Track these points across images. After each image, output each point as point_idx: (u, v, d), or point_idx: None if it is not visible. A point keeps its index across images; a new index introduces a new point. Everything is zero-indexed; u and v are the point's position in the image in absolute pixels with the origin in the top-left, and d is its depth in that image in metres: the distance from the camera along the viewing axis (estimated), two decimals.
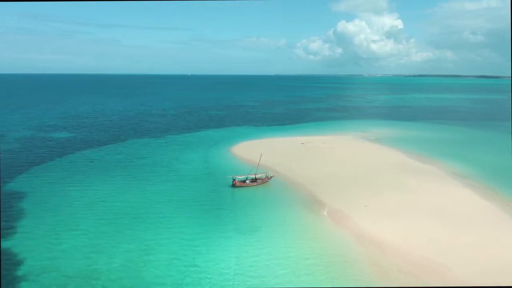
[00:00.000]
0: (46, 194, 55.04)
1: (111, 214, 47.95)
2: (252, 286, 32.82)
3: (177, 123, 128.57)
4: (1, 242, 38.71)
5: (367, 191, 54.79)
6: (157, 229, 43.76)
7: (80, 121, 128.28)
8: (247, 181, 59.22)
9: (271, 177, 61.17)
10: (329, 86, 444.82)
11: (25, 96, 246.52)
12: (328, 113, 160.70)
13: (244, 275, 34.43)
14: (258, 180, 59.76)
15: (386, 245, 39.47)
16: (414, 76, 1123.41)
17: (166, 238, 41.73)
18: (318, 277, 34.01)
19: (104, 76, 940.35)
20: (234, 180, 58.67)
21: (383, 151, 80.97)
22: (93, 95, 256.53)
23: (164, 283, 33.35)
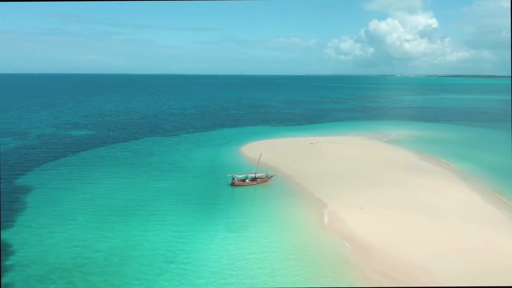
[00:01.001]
0: (51, 188, 56.96)
1: (108, 209, 49.00)
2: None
3: (194, 122, 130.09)
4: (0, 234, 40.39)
5: (365, 192, 53.67)
6: (148, 225, 44.46)
7: (101, 119, 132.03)
8: (247, 180, 59.19)
9: (272, 176, 60.87)
10: (357, 87, 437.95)
11: (57, 95, 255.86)
12: (348, 113, 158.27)
13: (221, 273, 34.45)
14: (258, 179, 59.60)
15: (374, 248, 38.49)
16: (448, 76, 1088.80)
17: (155, 233, 42.34)
18: (293, 277, 33.58)
19: (137, 76, 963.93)
20: (233, 179, 58.78)
21: (393, 151, 79.11)
22: (120, 94, 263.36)
23: (140, 278, 33.82)
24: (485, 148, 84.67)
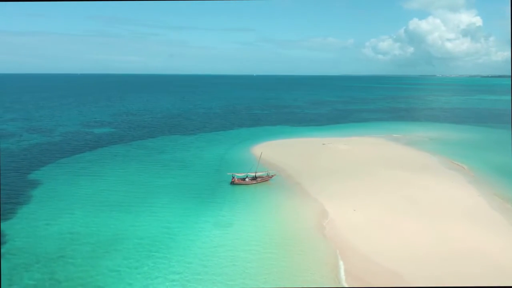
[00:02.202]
0: (59, 182, 59.42)
1: (106, 204, 50.50)
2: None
3: (215, 121, 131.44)
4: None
5: (363, 193, 52.45)
6: (140, 219, 45.61)
7: (125, 118, 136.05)
8: (247, 179, 59.24)
9: (272, 176, 60.61)
10: (391, 87, 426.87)
11: (92, 94, 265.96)
12: (374, 114, 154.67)
13: (194, 268, 34.84)
14: (258, 179, 59.52)
15: (357, 251, 37.59)
16: (493, 77, 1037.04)
17: (145, 228, 43.39)
18: (263, 276, 33.40)
19: (172, 76, 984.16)
20: (233, 177, 59.01)
21: (406, 153, 76.74)
22: (151, 94, 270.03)
23: (118, 270, 34.66)
24: (509, 153, 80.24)
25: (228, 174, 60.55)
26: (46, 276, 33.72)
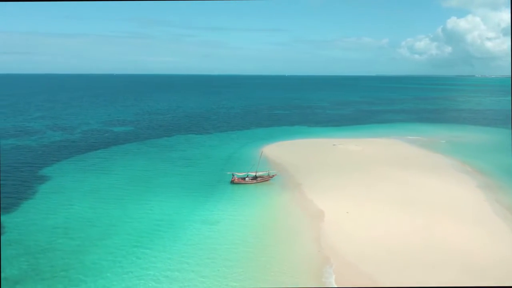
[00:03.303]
0: (66, 178, 61.63)
1: (105, 199, 51.90)
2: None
3: (233, 120, 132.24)
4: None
5: (361, 195, 51.32)
6: (134, 215, 46.63)
7: (147, 117, 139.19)
8: (247, 179, 59.28)
9: (273, 175, 60.36)
10: (425, 88, 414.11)
11: (122, 93, 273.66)
12: (398, 115, 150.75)
13: (170, 265, 35.35)
14: (258, 178, 59.44)
15: (341, 256, 36.86)
16: None
17: (136, 223, 44.33)
18: (238, 276, 33.39)
19: (206, 76, 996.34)
20: (233, 176, 59.21)
21: (418, 154, 74.55)
22: (180, 94, 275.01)
23: (100, 264, 35.56)
24: None
25: (228, 173, 60.79)
26: (31, 267, 35.03)
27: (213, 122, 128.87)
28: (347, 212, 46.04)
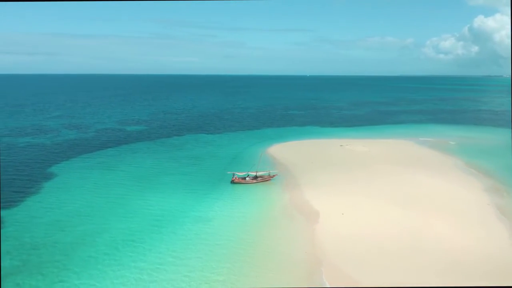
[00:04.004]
0: (73, 175, 63.14)
1: (106, 196, 53.02)
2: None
3: (246, 120, 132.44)
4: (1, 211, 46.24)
5: (359, 197, 50.60)
6: (129, 213, 47.30)
7: (162, 116, 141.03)
8: (247, 178, 59.35)
9: (274, 175, 60.23)
10: (448, 88, 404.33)
11: (141, 93, 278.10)
12: (414, 116, 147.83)
13: (163, 258, 35.89)
14: (258, 178, 59.43)
15: (327, 259, 36.54)
16: None
17: (130, 221, 44.98)
18: (218, 276, 33.48)
19: (227, 76, 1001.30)
20: (234, 176, 59.38)
21: (427, 156, 72.80)
22: (197, 94, 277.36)
23: (88, 260, 36.23)
24: None
25: (229, 172, 61.00)
26: (23, 261, 36.05)
27: (226, 121, 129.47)
28: (343, 214, 45.51)
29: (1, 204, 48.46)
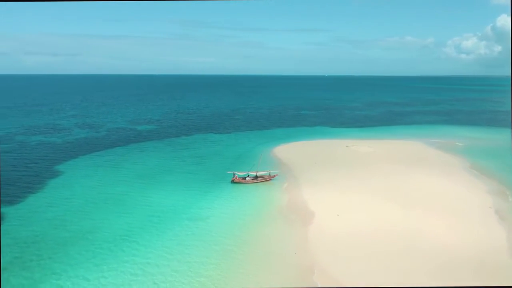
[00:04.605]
0: (78, 173, 64.32)
1: (107, 194, 53.84)
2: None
3: (256, 120, 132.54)
4: (3, 206, 47.54)
5: (357, 199, 50.07)
6: (126, 211, 47.93)
7: (174, 116, 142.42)
8: (247, 178, 59.43)
9: (274, 176, 60.14)
10: (468, 89, 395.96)
11: (156, 93, 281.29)
12: (428, 116, 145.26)
13: (156, 256, 36.46)
14: (258, 178, 59.45)
15: (316, 261, 36.35)
16: None
17: (125, 218, 45.60)
18: (204, 272, 33.69)
19: (245, 77, 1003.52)
20: (234, 175, 59.54)
21: (434, 158, 71.41)
22: (212, 94, 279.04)
23: (78, 258, 36.78)
24: None
25: (229, 172, 61.21)
26: (18, 255, 36.88)
27: (236, 121, 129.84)
28: (338, 215, 45.15)
29: (6, 200, 49.95)
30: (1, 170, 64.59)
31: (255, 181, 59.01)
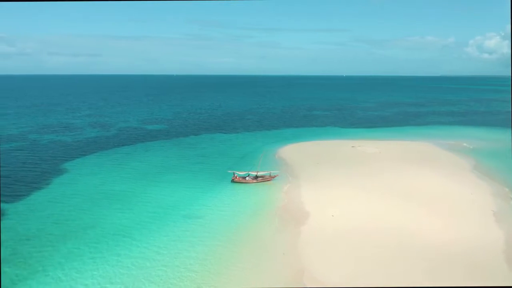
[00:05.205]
0: (82, 171, 65.52)
1: (107, 192, 54.56)
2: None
3: (267, 120, 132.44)
4: (6, 202, 48.81)
5: (355, 197, 49.58)
6: (124, 209, 48.54)
7: (185, 116, 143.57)
8: (248, 178, 59.44)
9: (275, 176, 59.97)
10: (488, 89, 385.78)
11: (171, 93, 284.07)
12: (442, 117, 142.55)
13: (148, 253, 36.90)
14: (259, 178, 59.39)
15: (305, 263, 36.13)
16: None
17: (122, 216, 46.22)
18: (190, 271, 33.87)
19: (261, 77, 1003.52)
20: (234, 175, 59.64)
21: (441, 159, 69.98)
22: (225, 93, 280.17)
23: (79, 251, 37.65)
24: None
25: (229, 171, 61.33)
26: (13, 250, 37.81)
27: (246, 121, 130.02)
28: (332, 216, 44.72)
29: (10, 196, 51.33)
30: (10, 168, 66.54)
31: (255, 181, 58.97)
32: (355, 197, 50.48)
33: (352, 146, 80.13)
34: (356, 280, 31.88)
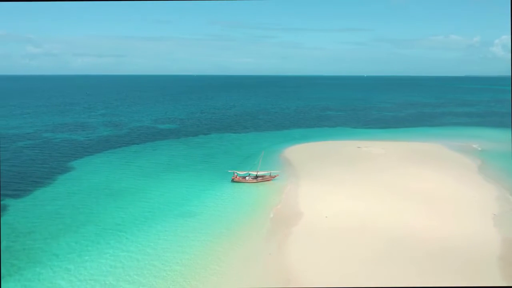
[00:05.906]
0: (88, 169, 66.94)
1: (108, 191, 55.48)
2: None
3: (278, 120, 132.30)
4: (9, 199, 50.42)
5: (353, 198, 49.06)
6: (123, 207, 49.34)
7: (197, 116, 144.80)
8: (248, 178, 59.58)
9: (275, 176, 59.92)
10: (510, 89, 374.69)
11: (188, 93, 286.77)
12: (458, 118, 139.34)
13: (143, 250, 37.53)
14: (259, 178, 59.46)
15: (294, 265, 36.07)
16: None
17: (120, 214, 46.93)
18: (190, 262, 34.26)
19: (282, 77, 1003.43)
20: (234, 174, 59.86)
21: (448, 160, 68.45)
22: (242, 94, 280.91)
23: (72, 247, 38.54)
24: None
25: (229, 171, 61.58)
26: (11, 244, 39.12)
27: (257, 121, 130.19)
28: (326, 216, 44.42)
29: (14, 193, 52.99)
30: (18, 165, 68.67)
31: (255, 180, 59.06)
32: (352, 197, 50.04)
33: (358, 147, 79.26)
34: (341, 279, 31.62)
